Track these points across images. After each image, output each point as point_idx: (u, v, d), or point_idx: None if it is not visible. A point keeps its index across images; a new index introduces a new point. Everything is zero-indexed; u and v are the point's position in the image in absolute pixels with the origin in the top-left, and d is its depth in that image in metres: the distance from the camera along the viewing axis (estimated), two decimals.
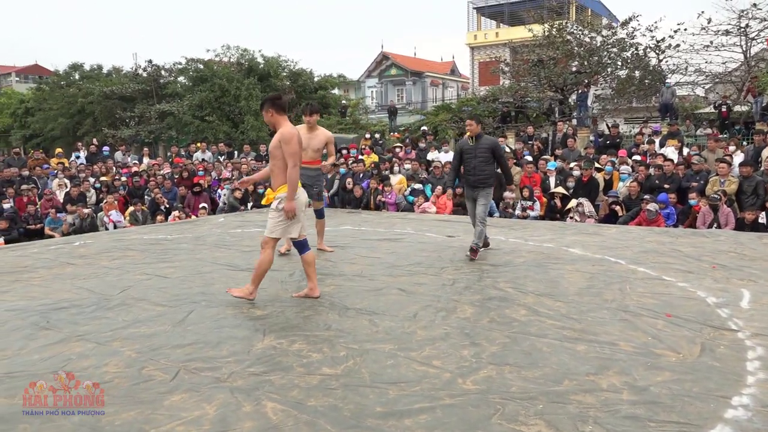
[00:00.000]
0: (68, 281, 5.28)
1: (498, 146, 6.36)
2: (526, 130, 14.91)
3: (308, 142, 5.99)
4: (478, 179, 6.20)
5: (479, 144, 6.21)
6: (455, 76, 43.66)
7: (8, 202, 11.28)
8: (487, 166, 6.18)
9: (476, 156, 6.18)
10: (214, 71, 23.69)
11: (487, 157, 6.17)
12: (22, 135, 29.21)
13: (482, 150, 6.18)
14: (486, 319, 4.00)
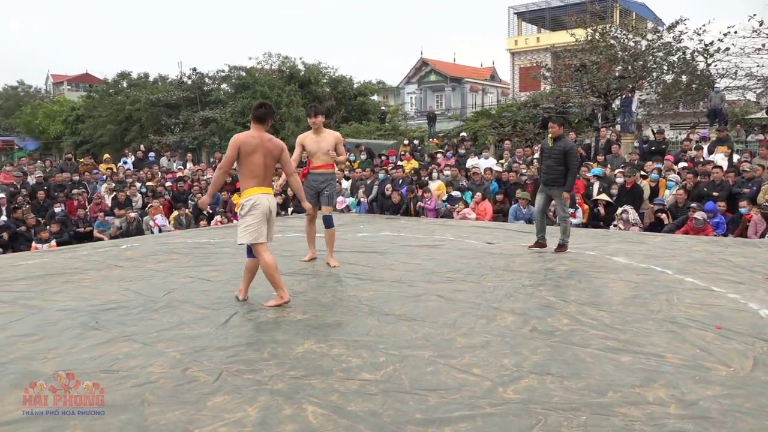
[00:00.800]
0: (116, 283, 5.44)
1: (570, 150, 6.60)
2: (568, 136, 14.67)
3: (317, 146, 5.93)
4: (549, 178, 6.66)
5: (556, 145, 6.60)
6: (495, 81, 43.35)
7: (60, 206, 11.71)
8: (559, 166, 6.55)
9: (551, 156, 6.61)
10: (256, 78, 24.14)
11: (560, 159, 6.53)
12: (73, 141, 30.30)
13: (557, 151, 6.55)
14: (527, 328, 3.94)
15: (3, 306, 4.65)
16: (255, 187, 4.47)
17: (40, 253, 7.87)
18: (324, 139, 5.95)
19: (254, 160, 4.46)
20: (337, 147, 6.01)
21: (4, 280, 5.67)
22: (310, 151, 5.98)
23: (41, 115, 33.50)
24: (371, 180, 12.40)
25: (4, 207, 11.37)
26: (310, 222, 6.26)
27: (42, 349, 3.60)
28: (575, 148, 6.89)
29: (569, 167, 6.55)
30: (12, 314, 4.41)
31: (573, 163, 6.61)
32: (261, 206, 4.45)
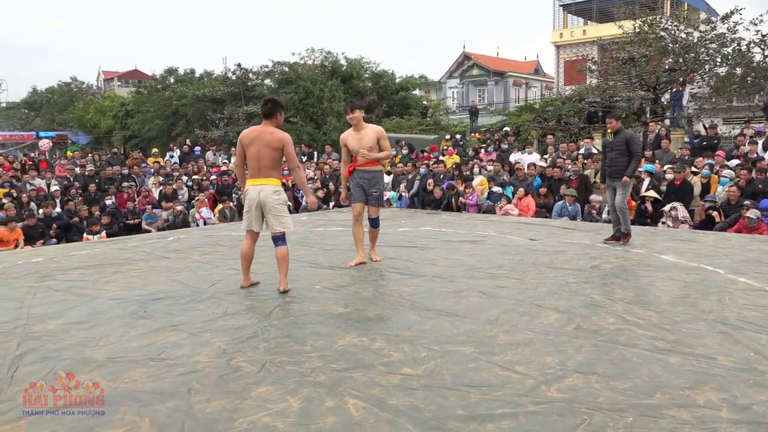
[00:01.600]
0: (163, 274, 5.58)
1: (632, 138, 6.81)
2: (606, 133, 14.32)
3: (358, 144, 5.65)
4: (613, 170, 6.85)
5: (616, 139, 6.82)
6: (539, 75, 42.64)
7: (110, 198, 12.10)
8: (621, 158, 6.74)
9: (613, 149, 6.83)
10: (299, 74, 24.36)
11: (622, 150, 6.73)
12: (122, 136, 31.20)
13: (618, 143, 6.78)
14: (571, 326, 3.87)
15: (58, 294, 4.84)
16: (249, 179, 4.71)
17: (91, 244, 8.14)
18: (365, 136, 5.68)
19: (251, 152, 4.67)
20: (380, 142, 5.72)
21: (58, 269, 5.89)
22: (352, 149, 5.72)
23: (93, 111, 34.62)
24: (413, 175, 12.38)
25: (59, 199, 11.82)
26: (356, 222, 5.85)
27: (94, 337, 3.73)
28: (637, 137, 7.06)
29: (633, 154, 6.72)
30: (66, 302, 4.58)
31: (635, 151, 6.76)
32: (248, 198, 4.68)
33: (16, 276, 5.62)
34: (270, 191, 4.67)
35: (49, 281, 5.34)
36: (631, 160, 6.72)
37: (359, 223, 5.84)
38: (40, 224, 10.34)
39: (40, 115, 44.29)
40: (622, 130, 6.89)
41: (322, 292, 4.78)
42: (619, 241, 6.97)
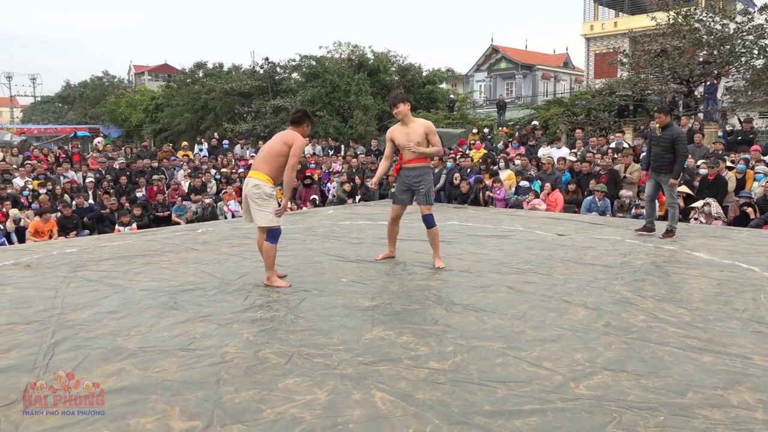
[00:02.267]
0: (192, 265, 5.66)
1: (678, 137, 6.76)
2: (647, 124, 14.05)
3: (405, 138, 5.33)
4: (657, 165, 6.89)
5: (663, 134, 6.80)
6: (568, 68, 42.01)
7: (141, 191, 12.31)
8: (666, 154, 6.75)
9: (659, 144, 6.82)
10: (326, 67, 24.40)
11: (668, 147, 6.71)
12: (152, 129, 31.68)
13: (665, 140, 6.76)
14: (600, 323, 3.82)
15: (91, 284, 4.94)
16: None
17: (122, 236, 8.30)
18: (413, 130, 5.31)
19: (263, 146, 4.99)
20: (429, 137, 5.35)
21: (91, 260, 6.01)
22: (399, 145, 5.39)
23: (124, 104, 35.20)
24: (439, 169, 12.32)
25: (91, 191, 12.07)
26: (393, 222, 5.64)
27: (126, 326, 3.80)
28: (684, 135, 6.99)
29: (677, 155, 6.69)
30: (99, 292, 4.68)
31: (681, 151, 6.73)
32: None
33: (51, 266, 5.75)
34: (251, 184, 4.65)
35: (83, 271, 5.46)
36: (675, 160, 6.70)
37: (395, 223, 5.69)
38: (74, 215, 10.57)
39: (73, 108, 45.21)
40: (671, 125, 6.84)
41: (348, 286, 4.80)
42: (651, 233, 7.05)
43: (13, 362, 3.22)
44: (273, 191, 4.66)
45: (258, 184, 4.63)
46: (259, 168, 4.68)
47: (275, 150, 4.66)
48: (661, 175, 6.87)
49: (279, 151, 4.63)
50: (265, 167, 4.66)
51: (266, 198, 4.61)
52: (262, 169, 4.66)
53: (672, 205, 6.92)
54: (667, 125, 6.81)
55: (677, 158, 6.70)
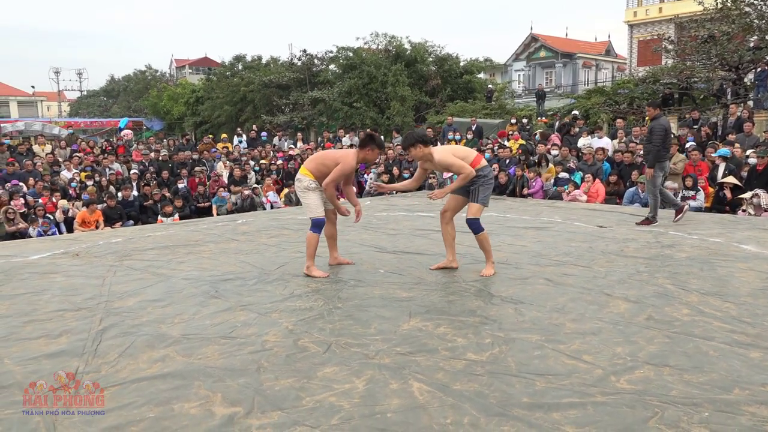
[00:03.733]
0: (232, 255, 5.77)
1: (652, 128, 6.88)
2: (692, 113, 13.63)
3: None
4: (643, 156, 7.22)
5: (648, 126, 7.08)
6: (610, 56, 41.01)
7: (182, 182, 12.58)
8: (648, 144, 6.95)
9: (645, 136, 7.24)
10: (363, 59, 24.40)
11: (649, 138, 6.92)
12: (193, 122, 32.26)
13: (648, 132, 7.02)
14: (642, 317, 3.74)
15: (136, 273, 5.09)
16: None
17: (165, 226, 8.51)
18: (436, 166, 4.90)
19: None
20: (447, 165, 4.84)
21: (136, 249, 6.19)
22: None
23: (166, 97, 35.92)
24: None
25: (135, 183, 12.39)
26: (445, 222, 5.05)
27: (170, 314, 3.91)
28: (660, 127, 6.90)
29: (651, 144, 6.87)
30: (144, 281, 4.82)
31: (652, 140, 6.84)
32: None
33: (98, 255, 5.94)
34: (296, 179, 4.96)
35: (128, 261, 5.62)
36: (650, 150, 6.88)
37: (447, 223, 5.05)
38: (119, 206, 10.88)
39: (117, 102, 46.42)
40: (656, 117, 6.94)
41: (385, 276, 4.82)
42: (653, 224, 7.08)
43: (63, 347, 3.35)
44: (312, 184, 4.79)
45: (300, 179, 4.88)
46: (307, 165, 4.90)
47: (326, 159, 4.84)
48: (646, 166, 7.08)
49: (328, 162, 4.80)
50: (311, 165, 4.87)
51: (305, 190, 4.83)
52: (308, 166, 4.88)
53: (651, 193, 7.02)
54: (654, 117, 6.94)
55: (651, 148, 6.84)
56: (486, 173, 4.81)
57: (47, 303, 4.23)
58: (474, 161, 4.76)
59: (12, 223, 9.95)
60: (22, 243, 7.47)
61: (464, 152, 4.88)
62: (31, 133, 21.38)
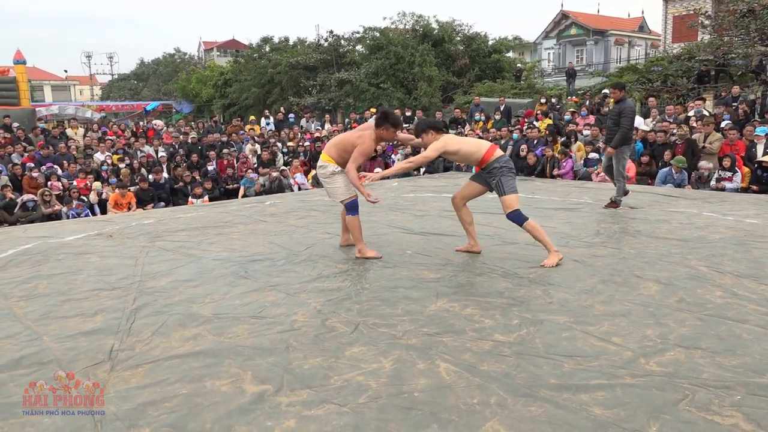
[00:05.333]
0: (261, 237, 5.84)
1: (624, 110, 6.83)
2: (729, 90, 13.22)
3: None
4: (608, 138, 7.14)
5: (614, 108, 7.00)
6: (644, 33, 39.90)
7: (211, 164, 12.73)
8: (615, 126, 6.90)
9: (610, 118, 7.09)
10: (390, 39, 24.22)
11: (616, 120, 6.86)
12: (221, 104, 32.52)
13: (614, 113, 6.95)
14: (674, 299, 3.68)
15: (168, 254, 5.19)
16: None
17: (195, 208, 8.63)
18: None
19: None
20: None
21: (167, 231, 6.30)
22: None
23: (194, 80, 36.22)
24: (505, 140, 12.09)
25: (165, 165, 12.58)
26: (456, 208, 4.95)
27: (201, 294, 3.99)
28: (632, 109, 7.01)
29: (620, 126, 6.80)
30: (175, 261, 4.91)
31: (624, 123, 6.79)
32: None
33: (131, 236, 6.07)
34: (318, 165, 4.90)
35: (160, 242, 5.73)
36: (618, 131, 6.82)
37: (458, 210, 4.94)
38: (151, 188, 11.08)
39: (147, 85, 47.00)
40: (623, 99, 6.91)
41: (413, 258, 4.82)
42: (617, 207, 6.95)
43: (99, 325, 3.45)
44: (336, 169, 4.76)
45: (323, 165, 4.83)
46: (327, 152, 4.85)
47: (346, 144, 4.75)
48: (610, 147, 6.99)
49: (348, 145, 4.72)
50: (332, 151, 4.82)
51: (331, 176, 4.78)
52: (329, 152, 4.83)
53: (619, 178, 6.91)
54: (619, 99, 6.89)
55: (620, 129, 6.78)
56: (501, 164, 4.59)
57: (83, 282, 4.35)
58: (487, 153, 4.59)
59: (48, 205, 10.22)
60: (58, 224, 7.67)
61: (475, 144, 4.71)
62: (65, 117, 21.82)
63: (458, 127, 14.60)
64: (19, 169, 11.46)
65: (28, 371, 2.86)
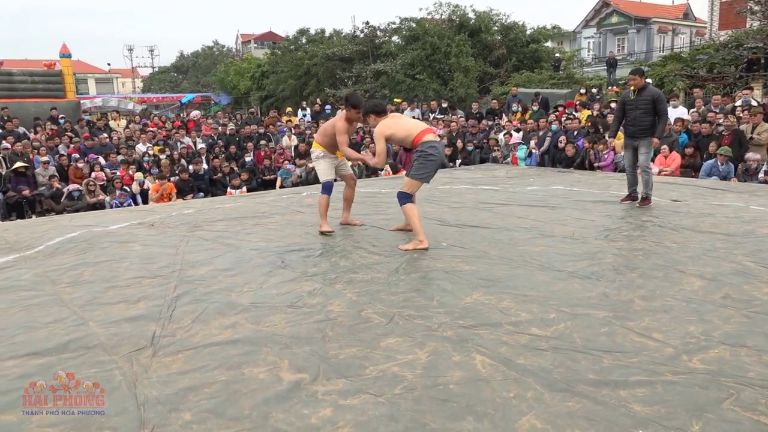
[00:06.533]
0: (298, 227, 5.89)
1: (659, 97, 6.48)
2: None
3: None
4: (636, 130, 6.52)
5: (641, 96, 6.45)
6: (689, 20, 38.68)
7: (249, 155, 12.89)
8: (647, 116, 6.43)
9: (637, 108, 6.48)
10: (426, 29, 24.05)
11: (648, 109, 6.42)
12: (258, 96, 32.85)
13: (643, 102, 6.43)
14: (718, 295, 3.58)
15: (207, 243, 5.29)
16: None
17: (234, 198, 8.77)
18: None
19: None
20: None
21: (206, 220, 6.42)
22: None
23: (232, 72, 36.67)
24: (544, 131, 11.91)
25: (204, 156, 12.80)
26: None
27: (239, 283, 4.05)
28: (663, 95, 6.68)
29: (660, 114, 6.43)
30: (214, 251, 5.00)
31: (663, 110, 6.47)
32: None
33: (171, 226, 6.20)
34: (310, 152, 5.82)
35: (199, 231, 5.84)
36: (658, 120, 6.43)
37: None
38: (190, 179, 11.29)
39: (187, 78, 47.79)
40: (647, 87, 6.54)
41: (448, 250, 4.80)
42: (635, 202, 6.66)
43: (141, 312, 3.54)
44: (321, 153, 5.49)
45: (312, 150, 5.68)
46: (316, 139, 5.61)
47: (327, 127, 5.47)
48: (640, 139, 6.51)
49: (329, 128, 5.42)
50: (318, 138, 5.55)
51: (316, 160, 5.59)
52: (317, 139, 5.57)
53: (646, 170, 6.54)
54: (643, 87, 6.50)
55: (660, 118, 6.43)
56: (424, 148, 4.85)
57: (126, 270, 4.47)
58: (417, 137, 4.87)
59: (93, 195, 10.52)
60: (102, 213, 7.89)
61: (409, 126, 5.04)
62: (108, 109, 22.36)
63: (495, 119, 14.44)
64: (65, 159, 11.83)
65: (75, 355, 2.96)
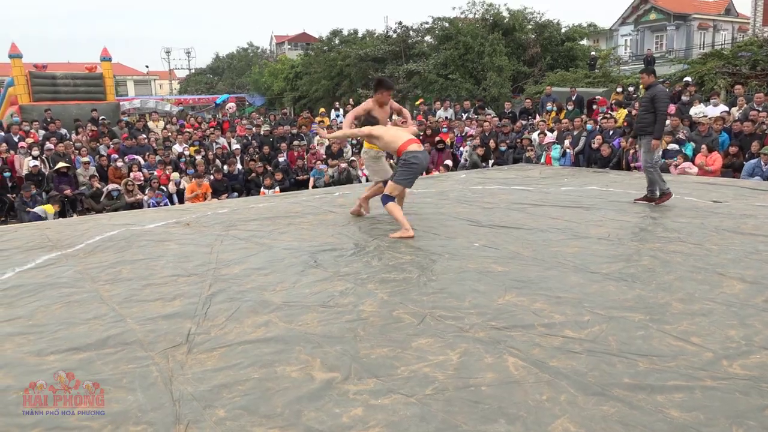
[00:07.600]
0: (330, 227, 5.93)
1: (657, 96, 6.34)
2: None
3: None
4: (638, 127, 6.55)
5: (645, 94, 6.49)
6: (731, 16, 37.60)
7: (282, 156, 13.03)
8: (647, 114, 6.39)
9: (641, 105, 6.60)
10: (459, 29, 23.93)
11: (648, 107, 6.38)
12: (292, 97, 33.18)
13: (645, 99, 6.46)
14: (761, 298, 3.48)
15: (240, 243, 5.36)
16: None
17: (267, 198, 8.87)
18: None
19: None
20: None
21: (240, 220, 6.51)
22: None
23: (267, 74, 37.11)
24: (579, 131, 11.73)
25: (239, 156, 12.99)
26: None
27: (272, 282, 4.10)
28: (665, 94, 6.54)
29: (656, 112, 6.34)
30: (248, 250, 5.07)
31: (660, 109, 6.35)
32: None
33: (206, 225, 6.31)
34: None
35: (233, 230, 5.93)
36: (656, 119, 6.33)
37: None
38: (225, 179, 11.48)
39: (222, 79, 48.54)
40: (654, 85, 6.45)
41: (480, 250, 4.77)
42: (652, 202, 6.55)
43: (177, 309, 3.61)
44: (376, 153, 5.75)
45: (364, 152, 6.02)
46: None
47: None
48: (642, 137, 6.51)
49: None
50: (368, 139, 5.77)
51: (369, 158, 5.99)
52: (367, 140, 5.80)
53: (649, 169, 6.47)
54: (650, 85, 6.45)
55: (657, 117, 6.32)
56: (407, 158, 5.29)
57: (162, 268, 4.57)
58: (402, 146, 5.30)
59: (131, 194, 10.78)
60: (140, 213, 8.07)
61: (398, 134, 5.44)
62: (146, 110, 22.89)
63: (529, 118, 14.29)
64: (105, 160, 12.15)
65: (114, 350, 3.04)
